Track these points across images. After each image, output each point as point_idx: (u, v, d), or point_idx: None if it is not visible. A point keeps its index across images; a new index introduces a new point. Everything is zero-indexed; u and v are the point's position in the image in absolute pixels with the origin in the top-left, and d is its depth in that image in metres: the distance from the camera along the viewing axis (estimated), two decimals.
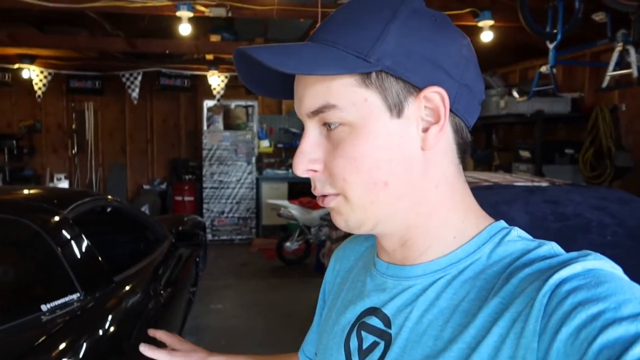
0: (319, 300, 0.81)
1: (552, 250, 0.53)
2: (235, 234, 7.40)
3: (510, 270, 0.52)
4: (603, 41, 3.52)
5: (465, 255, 0.56)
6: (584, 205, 2.53)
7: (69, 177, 7.90)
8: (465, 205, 0.60)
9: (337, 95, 0.53)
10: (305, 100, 0.56)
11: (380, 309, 0.60)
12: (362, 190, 0.55)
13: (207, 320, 4.29)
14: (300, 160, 0.57)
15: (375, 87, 0.53)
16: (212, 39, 6.09)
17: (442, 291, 0.55)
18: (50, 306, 1.67)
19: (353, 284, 0.68)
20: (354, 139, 0.54)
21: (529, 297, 0.47)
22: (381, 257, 0.63)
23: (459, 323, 0.52)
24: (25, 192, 2.40)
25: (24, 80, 7.00)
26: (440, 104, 0.54)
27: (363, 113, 0.53)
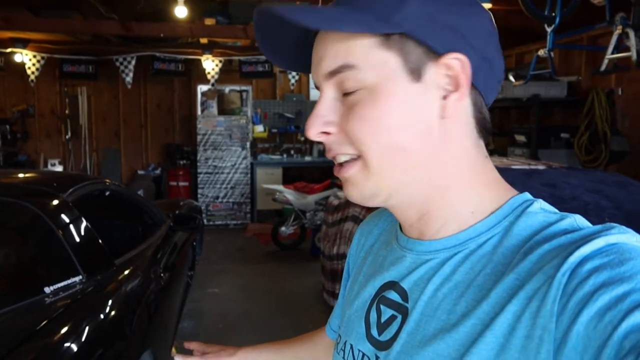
0: (344, 274, 0.82)
1: (575, 224, 0.51)
2: (230, 219, 7.40)
3: (529, 245, 0.51)
4: (601, 24, 3.52)
5: (485, 229, 0.55)
6: (581, 188, 2.55)
7: (63, 162, 7.85)
8: (486, 179, 0.58)
9: (357, 56, 0.53)
10: (325, 61, 0.55)
11: (398, 283, 0.60)
12: (380, 154, 0.54)
13: (204, 304, 4.32)
14: (314, 122, 0.56)
15: (396, 50, 0.52)
16: (206, 23, 6.02)
17: (459, 265, 0.54)
18: (53, 288, 1.67)
19: (375, 258, 0.69)
20: (371, 101, 0.53)
21: (547, 274, 0.46)
22: (402, 231, 0.63)
23: (472, 298, 0.51)
24: (24, 176, 2.39)
25: (17, 64, 6.91)
26: (461, 71, 0.53)
27: (382, 75, 0.53)
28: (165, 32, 5.98)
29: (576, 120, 4.80)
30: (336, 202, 4.26)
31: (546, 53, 3.78)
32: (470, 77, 0.53)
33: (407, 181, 0.55)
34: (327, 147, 0.57)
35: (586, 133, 4.53)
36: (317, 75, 0.57)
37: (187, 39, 6.97)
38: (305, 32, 0.58)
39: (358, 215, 3.68)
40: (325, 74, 0.55)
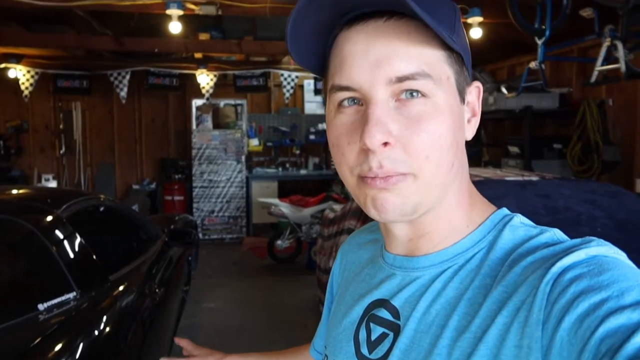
0: (327, 295, 0.82)
1: (555, 237, 0.54)
2: (226, 233, 7.37)
3: (513, 258, 0.53)
4: (591, 37, 3.57)
5: (471, 245, 0.57)
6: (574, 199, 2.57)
7: (57, 177, 7.82)
8: (474, 194, 0.61)
9: (430, 66, 0.51)
10: (396, 63, 0.50)
11: (388, 301, 0.60)
12: (437, 170, 0.53)
13: (200, 319, 4.28)
14: (379, 129, 0.50)
15: (454, 69, 0.54)
16: (200, 38, 6.06)
17: (449, 281, 0.56)
18: (47, 305, 1.66)
19: (360, 277, 0.69)
20: (437, 115, 0.52)
21: (532, 285, 0.48)
22: (388, 249, 0.64)
23: (464, 312, 0.52)
24: (18, 192, 2.38)
25: (10, 79, 6.91)
26: (477, 98, 0.58)
27: (447, 90, 0.53)
28: (159, 47, 6.01)
29: (568, 131, 4.84)
30: (332, 215, 4.26)
31: (537, 65, 3.82)
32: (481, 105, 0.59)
33: (441, 197, 0.56)
34: (378, 161, 0.51)
35: (578, 143, 4.56)
36: (373, 76, 0.51)
37: (181, 54, 7.00)
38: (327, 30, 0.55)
39: (353, 228, 3.68)
40: (393, 77, 0.50)
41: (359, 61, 0.52)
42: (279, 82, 7.36)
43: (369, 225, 0.77)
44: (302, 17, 0.52)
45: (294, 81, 7.25)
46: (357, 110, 0.53)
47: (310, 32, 0.55)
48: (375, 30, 0.52)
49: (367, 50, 0.51)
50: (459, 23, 0.55)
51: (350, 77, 0.52)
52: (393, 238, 0.62)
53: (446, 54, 0.53)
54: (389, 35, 0.51)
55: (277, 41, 6.06)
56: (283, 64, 7.30)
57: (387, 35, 0.51)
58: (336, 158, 0.56)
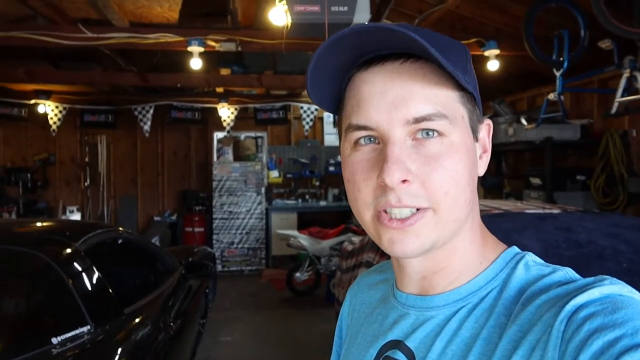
0: (335, 337, 0.81)
1: (568, 276, 0.54)
2: (245, 265, 7.36)
3: (526, 296, 0.53)
4: (610, 68, 3.54)
5: (484, 283, 0.57)
6: (597, 232, 2.49)
7: (81, 209, 7.97)
8: (485, 230, 0.62)
9: (445, 106, 0.53)
10: (413, 104, 0.52)
11: (403, 342, 0.59)
12: (455, 205, 0.54)
13: (216, 352, 4.24)
14: (398, 168, 0.51)
15: (467, 108, 0.56)
16: (222, 73, 6.21)
17: (464, 320, 0.55)
18: (61, 339, 1.67)
19: (372, 318, 0.68)
20: (454, 153, 0.53)
21: (546, 324, 0.48)
22: (400, 288, 0.63)
23: (480, 352, 0.52)
24: (38, 225, 2.42)
25: (40, 115, 7.16)
26: (487, 136, 0.60)
27: (462, 129, 0.55)
28: (181, 82, 6.17)
29: (591, 162, 4.75)
30: (350, 247, 4.22)
31: (556, 97, 3.79)
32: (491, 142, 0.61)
33: (456, 232, 0.57)
34: (397, 197, 0.52)
35: (602, 175, 4.47)
36: (391, 117, 0.53)
37: (203, 88, 7.18)
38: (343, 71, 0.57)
39: (372, 260, 3.63)
40: (411, 118, 0.52)
41: (377, 102, 0.53)
42: (299, 114, 7.46)
43: (377, 265, 0.77)
44: (323, 60, 0.55)
45: (313, 114, 7.33)
46: (373, 148, 0.55)
47: (329, 74, 0.57)
48: (392, 72, 0.53)
49: (384, 92, 0.53)
50: (470, 64, 0.57)
51: (368, 118, 0.54)
52: (406, 275, 0.61)
53: (459, 94, 0.55)
54: (405, 77, 0.53)
55: (297, 75, 6.16)
56: (302, 97, 7.42)
57: (404, 77, 0.53)
58: (351, 193, 0.57)
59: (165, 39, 4.21)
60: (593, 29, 3.52)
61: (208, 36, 4.30)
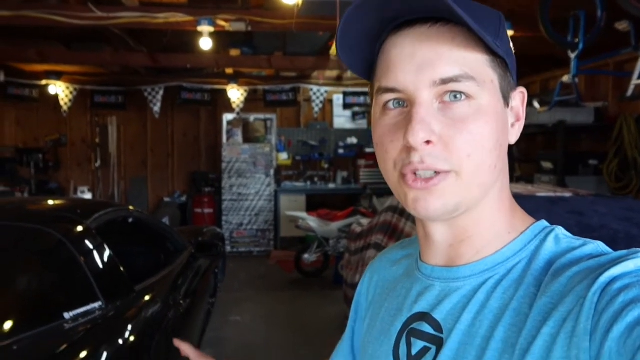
0: (351, 313, 0.81)
1: (599, 249, 0.53)
2: (254, 246, 7.41)
3: (556, 268, 0.52)
4: (627, 50, 3.46)
5: (512, 254, 0.57)
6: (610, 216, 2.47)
7: (92, 190, 8.04)
8: (513, 202, 0.61)
9: (473, 69, 0.53)
10: (439, 66, 0.52)
11: (429, 314, 0.59)
12: (478, 170, 0.54)
13: (225, 332, 4.29)
14: (422, 128, 0.52)
15: (498, 73, 0.56)
16: (231, 54, 6.18)
17: (492, 292, 0.55)
18: (73, 314, 1.69)
19: (396, 292, 0.68)
20: (481, 117, 0.53)
21: (579, 295, 0.47)
22: (426, 261, 0.63)
23: (510, 323, 0.52)
24: (49, 203, 2.45)
25: (50, 95, 7.19)
26: (520, 104, 0.59)
27: (491, 93, 0.55)
28: (191, 63, 6.15)
29: (604, 147, 4.69)
30: (359, 229, 4.23)
31: (570, 79, 3.73)
32: (525, 110, 0.60)
33: (482, 198, 0.57)
34: (420, 157, 0.53)
35: (615, 160, 4.41)
36: (418, 79, 0.53)
37: (212, 70, 7.15)
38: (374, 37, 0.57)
39: (380, 242, 3.64)
40: (437, 79, 0.52)
41: (404, 65, 0.54)
42: (309, 96, 7.42)
43: (400, 242, 0.77)
44: (352, 24, 0.56)
45: (323, 96, 7.29)
46: (401, 112, 0.55)
47: (359, 39, 0.58)
48: (420, 35, 0.54)
49: (413, 55, 0.54)
50: (504, 29, 0.56)
51: (396, 80, 0.54)
52: (432, 245, 0.61)
53: (490, 59, 0.54)
54: (434, 40, 0.53)
55: (307, 56, 6.11)
56: (312, 78, 7.37)
57: (432, 40, 0.53)
58: (380, 155, 0.58)
59: (175, 18, 4.19)
60: (610, 10, 3.44)
61: (218, 16, 4.27)
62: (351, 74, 7.56)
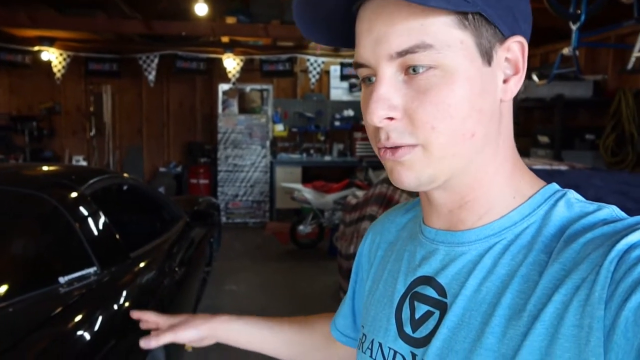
0: (352, 275, 0.80)
1: (614, 214, 0.51)
2: (249, 217, 7.44)
3: (569, 234, 0.50)
4: (629, 22, 3.42)
5: (520, 218, 0.55)
6: (606, 189, 2.48)
7: (87, 159, 8.00)
8: (521, 165, 0.58)
9: (433, 35, 0.49)
10: (392, 39, 0.49)
11: (433, 278, 0.58)
12: (448, 140, 0.51)
13: (221, 300, 4.34)
14: (379, 106, 0.50)
15: (471, 30, 0.51)
16: (227, 21, 6.07)
17: (500, 257, 0.53)
18: (68, 278, 1.69)
19: (399, 255, 0.66)
20: (448, 84, 0.50)
21: (593, 263, 0.45)
22: (429, 224, 0.61)
23: (518, 289, 0.50)
24: (44, 169, 2.43)
25: (44, 62, 7.07)
26: (520, 54, 0.54)
27: (459, 56, 0.50)
28: (187, 30, 6.04)
29: (602, 121, 4.68)
30: (354, 201, 4.24)
31: (571, 51, 3.69)
32: (526, 61, 0.54)
33: (466, 166, 0.54)
34: (384, 134, 0.52)
35: (612, 134, 4.41)
36: (376, 54, 0.51)
37: (208, 38, 7.04)
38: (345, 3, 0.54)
39: (375, 214, 3.65)
40: (392, 53, 0.50)
41: (365, 40, 0.52)
42: (305, 67, 7.33)
43: (402, 204, 0.75)
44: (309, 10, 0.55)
45: (320, 67, 7.21)
46: None
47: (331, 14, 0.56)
48: (377, 7, 0.51)
49: (370, 29, 0.51)
50: None
51: (360, 55, 0.53)
52: (434, 208, 0.59)
53: (458, 18, 0.49)
54: (389, 11, 0.50)
55: None
56: (310, 49, 7.26)
57: (388, 12, 0.50)
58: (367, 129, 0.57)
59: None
60: None
61: None
62: None
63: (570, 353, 0.44)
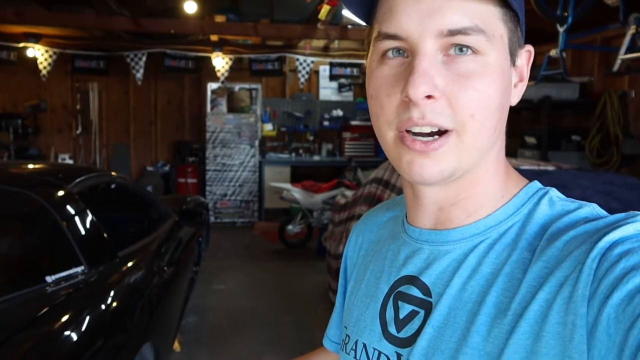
0: (340, 279, 0.79)
1: (595, 212, 0.51)
2: (238, 217, 7.41)
3: (551, 232, 0.50)
4: (615, 25, 3.47)
5: (505, 217, 0.55)
6: (592, 189, 2.51)
7: (74, 157, 7.90)
8: (507, 164, 0.59)
9: (484, 21, 0.49)
10: (449, 15, 0.48)
11: (418, 278, 0.57)
12: (480, 131, 0.50)
13: (209, 300, 4.32)
14: (424, 81, 0.47)
15: (508, 27, 0.52)
16: (217, 20, 6.04)
17: (484, 256, 0.53)
18: (55, 278, 1.67)
19: (382, 254, 0.65)
20: (488, 74, 0.49)
21: (576, 260, 0.45)
22: (413, 223, 0.60)
23: (502, 288, 0.50)
24: (31, 167, 2.40)
25: (29, 59, 6.96)
26: (526, 63, 0.55)
27: (499, 49, 0.50)
28: (175, 28, 5.99)
29: (588, 123, 4.73)
30: (343, 201, 4.25)
31: (558, 53, 3.73)
32: (529, 70, 0.56)
33: (479, 161, 0.54)
34: (420, 112, 0.49)
35: (598, 135, 4.46)
36: (423, 26, 0.48)
37: (197, 36, 6.99)
38: None
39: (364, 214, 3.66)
40: (445, 29, 0.48)
41: (409, 10, 0.49)
42: (295, 67, 7.32)
43: (385, 202, 0.75)
44: None
45: (309, 66, 7.20)
46: (401, 62, 0.51)
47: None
48: None
49: (419, 2, 0.48)
50: None
51: (399, 25, 0.49)
52: (421, 207, 0.58)
53: (502, 11, 0.50)
54: None
55: (294, 24, 6.00)
56: (299, 48, 7.25)
57: None
58: (373, 110, 0.53)
59: None
60: None
61: None
62: (338, 44, 7.47)
63: (555, 350, 0.44)
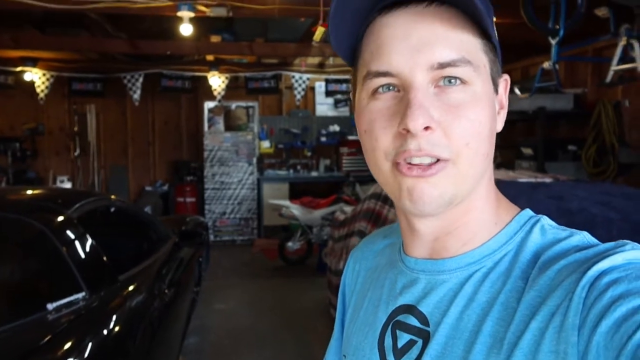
0: (338, 305, 0.79)
1: (585, 240, 0.52)
2: (237, 235, 7.39)
3: (543, 260, 0.51)
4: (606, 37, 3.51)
5: (499, 246, 0.55)
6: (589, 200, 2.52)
7: (72, 179, 7.90)
8: (498, 191, 0.59)
9: (470, 53, 0.51)
10: (438, 48, 0.50)
11: (415, 307, 0.58)
12: (474, 159, 0.52)
13: (210, 320, 4.29)
14: (422, 113, 0.48)
15: (489, 58, 0.54)
16: (212, 40, 6.09)
17: (480, 285, 0.54)
18: (56, 305, 1.67)
19: (379, 282, 0.66)
20: (476, 103, 0.51)
21: (567, 289, 0.46)
22: (409, 253, 0.61)
23: (498, 317, 0.51)
24: (30, 192, 2.40)
25: (27, 83, 7.01)
26: (504, 91, 0.58)
27: (484, 79, 0.53)
28: (171, 49, 6.05)
29: (583, 133, 4.76)
30: (342, 217, 4.25)
31: (551, 65, 3.77)
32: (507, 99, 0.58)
33: (474, 188, 0.55)
34: (417, 144, 0.50)
35: (594, 145, 4.49)
36: (414, 61, 0.50)
37: (193, 56, 7.05)
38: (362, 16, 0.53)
39: (364, 230, 3.66)
40: (435, 63, 0.50)
41: (398, 46, 0.51)
42: (290, 84, 7.38)
43: (381, 230, 0.75)
44: (343, 3, 0.52)
45: (305, 83, 7.25)
46: (394, 96, 0.52)
47: (349, 18, 0.54)
48: (415, 15, 0.51)
49: (407, 35, 0.50)
50: (493, 15, 0.56)
51: (389, 62, 0.51)
52: (416, 238, 0.59)
53: (483, 42, 0.53)
54: (430, 20, 0.50)
55: (288, 43, 6.06)
56: (294, 66, 7.32)
57: (429, 20, 0.50)
58: (368, 144, 0.54)
59: (154, 3, 4.10)
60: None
61: (198, 1, 4.20)
62: (333, 61, 7.53)
63: None
